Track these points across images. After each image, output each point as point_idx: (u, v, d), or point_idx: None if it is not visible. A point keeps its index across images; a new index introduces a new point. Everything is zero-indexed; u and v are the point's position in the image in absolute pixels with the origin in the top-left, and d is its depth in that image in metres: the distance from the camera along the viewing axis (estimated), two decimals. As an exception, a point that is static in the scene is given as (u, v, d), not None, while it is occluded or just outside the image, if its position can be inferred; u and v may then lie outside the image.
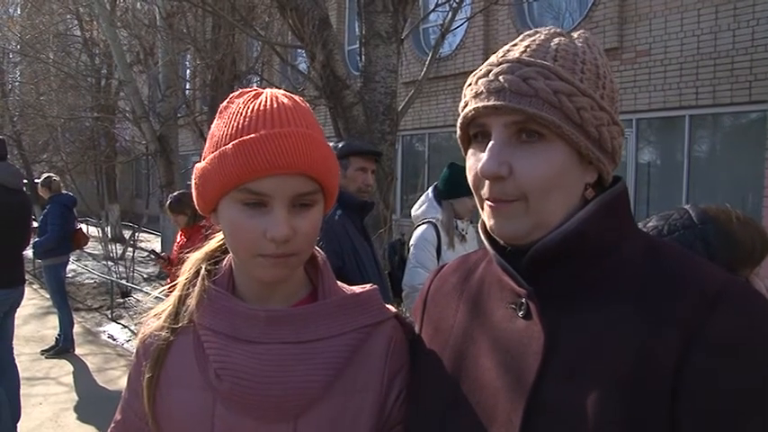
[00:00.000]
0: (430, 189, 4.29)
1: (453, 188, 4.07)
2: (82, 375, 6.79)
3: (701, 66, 8.50)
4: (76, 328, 7.58)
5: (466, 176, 1.01)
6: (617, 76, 9.15)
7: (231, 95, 1.11)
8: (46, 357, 7.29)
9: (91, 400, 6.00)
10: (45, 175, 7.93)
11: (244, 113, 1.03)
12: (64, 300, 7.59)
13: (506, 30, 11.14)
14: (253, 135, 1.00)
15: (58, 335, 7.53)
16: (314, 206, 1.06)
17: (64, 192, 7.81)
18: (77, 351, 7.54)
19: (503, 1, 8.53)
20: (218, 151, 1.03)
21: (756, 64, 7.89)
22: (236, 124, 1.03)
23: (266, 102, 1.04)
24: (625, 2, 9.38)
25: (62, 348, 7.43)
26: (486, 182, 0.95)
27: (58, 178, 7.88)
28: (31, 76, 19.07)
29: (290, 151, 0.99)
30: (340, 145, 3.22)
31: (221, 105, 1.10)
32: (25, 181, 5.56)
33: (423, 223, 4.13)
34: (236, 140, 1.01)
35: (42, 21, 16.41)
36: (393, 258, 4.43)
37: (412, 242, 4.11)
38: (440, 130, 12.88)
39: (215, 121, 1.09)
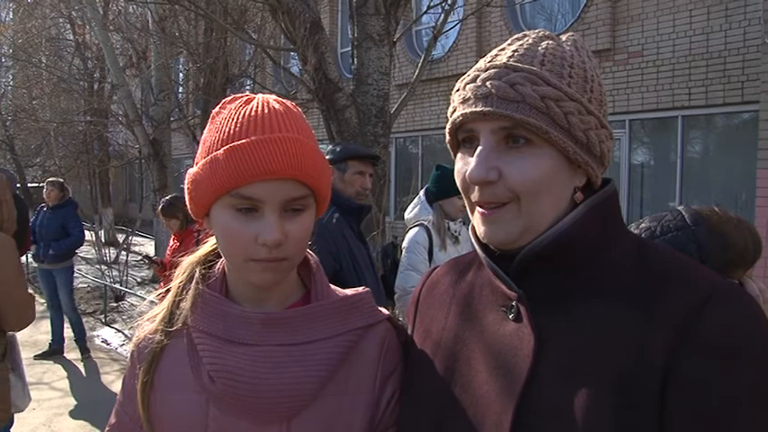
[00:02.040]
0: (422, 192, 4.29)
1: (442, 189, 4.07)
2: (75, 380, 6.77)
3: (694, 66, 8.53)
4: (69, 333, 7.55)
5: (453, 177, 1.02)
6: (609, 77, 9.19)
7: (223, 101, 1.11)
8: (34, 357, 7.21)
9: (84, 405, 5.98)
10: (53, 178, 7.89)
11: (235, 119, 1.04)
12: (58, 305, 7.52)
13: (499, 32, 11.16)
14: (244, 140, 1.00)
15: (50, 340, 7.52)
16: (305, 211, 1.06)
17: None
18: (70, 356, 7.50)
19: (495, 3, 8.54)
20: (209, 157, 1.03)
21: (748, 64, 7.92)
22: (227, 130, 1.03)
23: (257, 107, 1.05)
24: (617, 3, 9.40)
25: (55, 350, 7.43)
26: (476, 186, 0.95)
27: None
28: (23, 80, 18.97)
29: (280, 156, 0.99)
30: (338, 148, 3.21)
31: (213, 111, 1.10)
32: (18, 185, 5.55)
33: (415, 226, 4.14)
34: (228, 146, 1.01)
35: (35, 25, 16.35)
36: (386, 261, 4.44)
37: (404, 245, 4.12)
38: (433, 132, 12.87)
39: (207, 127, 1.09)
